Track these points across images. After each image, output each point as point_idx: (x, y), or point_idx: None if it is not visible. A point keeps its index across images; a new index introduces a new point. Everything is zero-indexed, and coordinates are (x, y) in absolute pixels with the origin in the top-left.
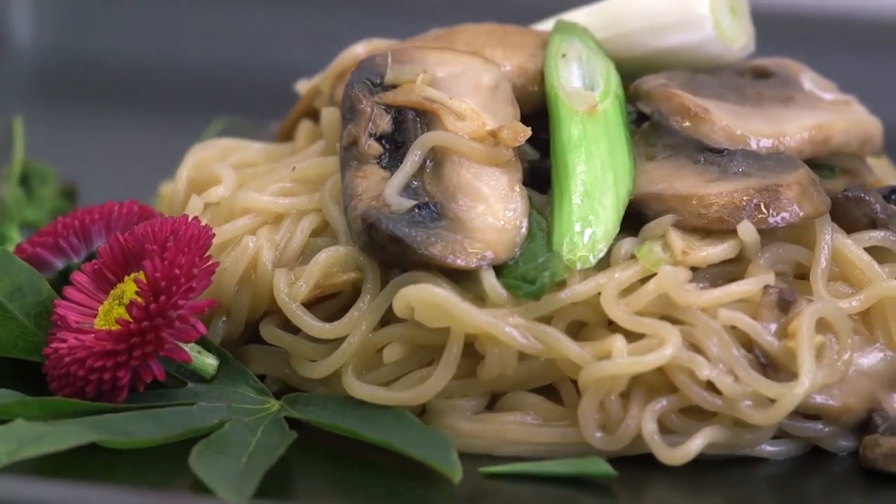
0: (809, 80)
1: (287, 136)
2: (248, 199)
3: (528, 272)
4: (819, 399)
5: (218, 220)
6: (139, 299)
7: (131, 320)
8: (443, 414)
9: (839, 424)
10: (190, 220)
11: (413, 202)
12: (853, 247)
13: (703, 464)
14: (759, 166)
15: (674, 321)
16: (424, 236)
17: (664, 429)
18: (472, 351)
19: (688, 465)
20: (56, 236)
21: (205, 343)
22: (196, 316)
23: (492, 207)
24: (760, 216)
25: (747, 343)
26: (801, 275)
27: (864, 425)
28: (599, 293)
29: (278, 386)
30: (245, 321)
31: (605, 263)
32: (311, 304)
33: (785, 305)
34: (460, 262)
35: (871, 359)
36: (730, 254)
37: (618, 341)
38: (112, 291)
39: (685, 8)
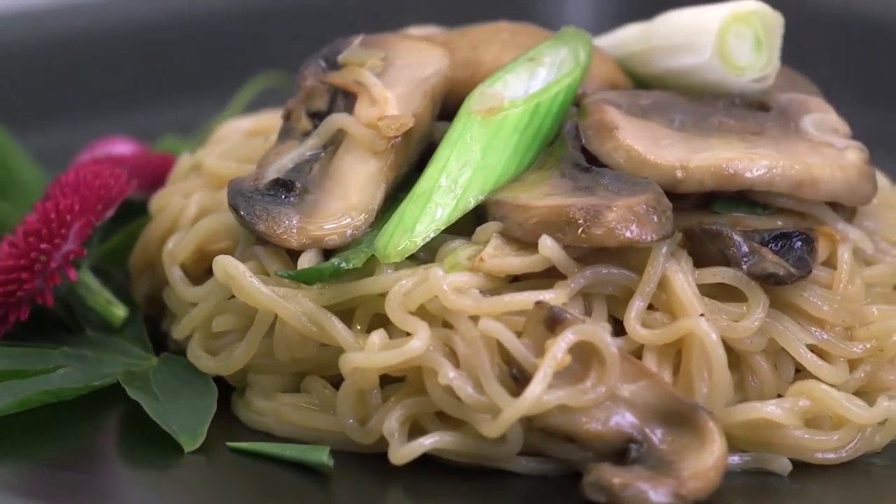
0: (812, 120)
1: None
2: (206, 162)
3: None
4: (568, 420)
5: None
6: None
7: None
8: (249, 389)
9: (592, 450)
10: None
11: (274, 177)
12: (681, 279)
13: (456, 472)
14: (611, 186)
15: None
16: (261, 213)
17: (423, 432)
18: None
19: (436, 472)
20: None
21: (122, 294)
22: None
23: (347, 195)
24: (574, 235)
25: (510, 357)
26: None
27: (621, 454)
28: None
29: (178, 346)
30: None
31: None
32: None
33: (552, 324)
34: (286, 242)
35: (644, 390)
36: (534, 267)
37: (373, 335)
38: None
39: (693, 32)
